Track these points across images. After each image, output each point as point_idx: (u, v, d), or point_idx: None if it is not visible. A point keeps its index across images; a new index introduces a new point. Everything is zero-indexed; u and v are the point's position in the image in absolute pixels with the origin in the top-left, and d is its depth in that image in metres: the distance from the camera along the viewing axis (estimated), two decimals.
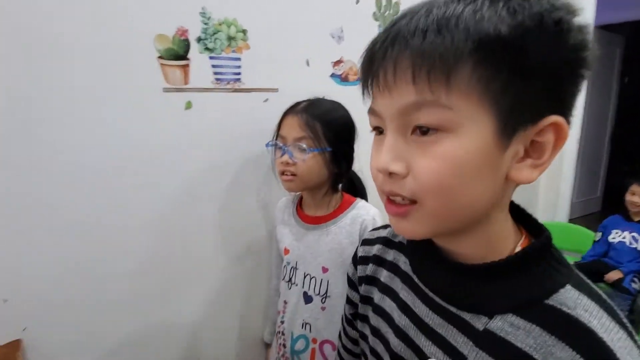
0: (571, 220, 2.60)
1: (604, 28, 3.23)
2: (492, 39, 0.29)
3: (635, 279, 1.84)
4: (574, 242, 2.25)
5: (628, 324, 0.32)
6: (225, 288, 1.04)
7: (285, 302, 0.92)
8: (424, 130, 0.32)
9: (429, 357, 0.38)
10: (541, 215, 2.50)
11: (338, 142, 0.83)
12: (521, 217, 0.40)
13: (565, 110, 0.33)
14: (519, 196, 0.39)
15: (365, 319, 0.50)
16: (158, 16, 0.82)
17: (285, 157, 0.81)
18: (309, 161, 0.80)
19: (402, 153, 0.34)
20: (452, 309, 0.37)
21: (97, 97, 0.78)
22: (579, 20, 0.31)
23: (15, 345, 0.74)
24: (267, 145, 0.90)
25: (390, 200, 0.36)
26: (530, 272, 0.34)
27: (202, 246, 0.98)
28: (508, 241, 0.38)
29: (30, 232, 0.76)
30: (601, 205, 3.78)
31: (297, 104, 0.86)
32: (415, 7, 0.33)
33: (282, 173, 0.83)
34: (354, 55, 1.16)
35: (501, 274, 0.35)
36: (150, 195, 0.88)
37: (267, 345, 1.08)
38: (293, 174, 0.81)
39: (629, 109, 3.94)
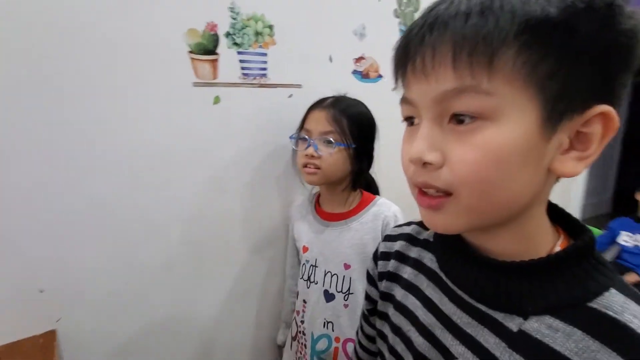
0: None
1: None
2: (540, 20, 0.28)
3: None
4: None
5: None
6: (248, 278, 1.06)
7: (304, 302, 0.91)
8: (462, 119, 0.31)
9: (457, 358, 0.36)
10: None
11: (362, 139, 0.84)
12: (558, 216, 0.38)
13: (614, 100, 0.30)
14: None
15: (385, 316, 0.48)
16: (189, 11, 0.83)
17: (311, 150, 0.82)
18: (335, 155, 0.82)
19: (438, 142, 0.32)
20: (483, 307, 0.35)
21: (130, 92, 0.79)
22: (633, 6, 0.29)
23: (51, 335, 0.76)
24: (291, 137, 0.91)
25: (422, 192, 0.34)
26: (572, 273, 0.32)
27: (228, 237, 0.99)
28: (545, 239, 0.36)
29: (67, 225, 0.77)
30: (612, 206, 3.75)
31: (324, 99, 0.87)
32: None
33: (305, 165, 0.84)
34: (375, 52, 1.17)
35: (539, 272, 0.33)
36: (179, 188, 0.89)
37: (280, 347, 1.07)
38: (317, 167, 0.82)
39: None
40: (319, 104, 0.86)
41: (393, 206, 0.87)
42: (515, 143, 0.29)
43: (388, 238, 0.51)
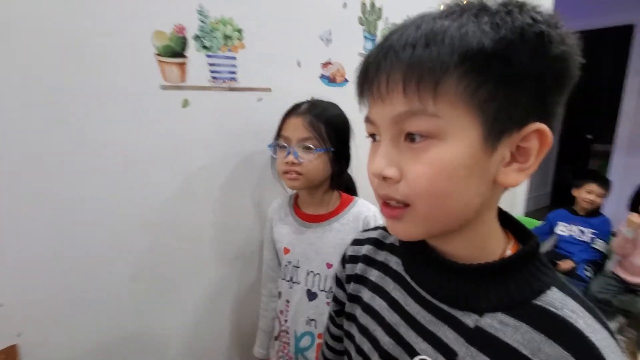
0: (526, 214, 2.85)
1: None
2: (475, 52, 0.31)
3: (588, 267, 2.04)
4: None
5: (608, 324, 0.34)
6: (219, 289, 1.05)
7: (287, 302, 0.93)
8: (414, 138, 0.34)
9: (419, 354, 0.39)
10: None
11: (339, 142, 0.87)
12: (508, 222, 0.42)
13: (549, 118, 0.34)
14: None
15: (352, 317, 0.50)
16: (156, 12, 0.81)
17: (291, 157, 0.83)
18: (315, 160, 0.83)
19: (395, 159, 0.35)
20: (444, 306, 0.39)
21: (95, 94, 0.76)
22: (561, 32, 0.32)
23: (13, 350, 0.72)
24: (269, 145, 0.91)
25: (385, 203, 0.38)
26: (520, 274, 0.36)
27: (197, 245, 0.98)
28: (497, 243, 0.40)
29: (24, 235, 0.73)
30: (550, 199, 4.14)
31: (298, 105, 0.88)
32: (406, 22, 0.35)
33: (286, 172, 0.85)
34: (341, 57, 1.21)
35: (493, 275, 0.37)
36: (147, 193, 0.87)
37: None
38: (298, 173, 0.83)
39: (574, 112, 4.32)
40: (294, 111, 0.87)
41: (372, 206, 0.90)
42: (460, 158, 0.33)
43: (356, 242, 0.54)
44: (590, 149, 4.47)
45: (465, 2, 0.34)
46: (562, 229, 2.23)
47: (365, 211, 0.89)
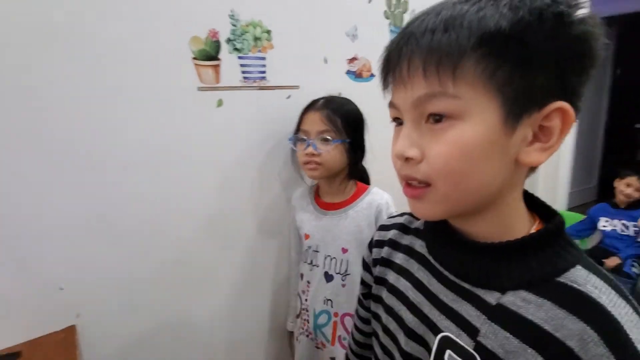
0: (569, 210, 2.70)
1: None
2: (493, 34, 0.31)
3: (635, 264, 1.92)
4: None
5: (634, 301, 0.33)
6: (254, 272, 1.11)
7: (308, 283, 1.00)
8: (436, 119, 0.35)
9: (443, 331, 0.40)
10: None
11: (354, 134, 0.92)
12: (535, 205, 0.42)
13: (571, 97, 0.34)
14: None
15: (379, 299, 0.51)
16: (192, 19, 0.88)
17: (310, 149, 0.89)
18: (332, 151, 0.89)
19: (417, 140, 0.36)
20: (466, 285, 0.39)
21: (139, 98, 0.84)
22: (581, 12, 0.32)
23: (72, 330, 0.80)
24: (289, 139, 0.97)
25: (407, 184, 0.39)
26: (543, 252, 0.36)
27: (234, 233, 1.05)
28: (521, 224, 0.39)
29: (81, 227, 0.82)
30: (597, 194, 3.88)
31: (315, 101, 0.94)
32: (427, 9, 0.36)
33: (306, 163, 0.91)
34: (368, 52, 1.23)
35: (515, 252, 0.37)
36: (187, 186, 0.94)
37: (291, 334, 1.14)
38: (317, 163, 0.89)
39: (621, 101, 4.04)
40: (312, 106, 0.93)
41: (385, 194, 0.94)
42: (480, 138, 0.34)
43: (382, 228, 0.55)
44: (639, 139, 4.15)
45: None
46: (604, 224, 2.12)
47: (378, 199, 0.92)
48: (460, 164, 0.34)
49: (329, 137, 0.88)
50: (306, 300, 1.01)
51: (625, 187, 2.05)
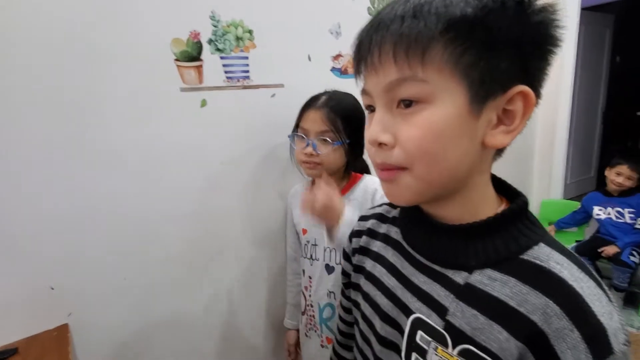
0: (567, 200, 2.70)
1: (592, 9, 3.29)
2: (458, 20, 0.33)
3: (634, 252, 1.92)
4: None
5: (597, 277, 0.35)
6: (250, 271, 1.13)
7: (310, 278, 1.01)
8: (406, 103, 0.36)
9: (415, 312, 0.41)
10: (536, 195, 2.59)
11: (354, 133, 0.90)
12: (503, 189, 0.43)
13: (533, 81, 0.36)
14: (515, 178, 0.44)
15: (357, 287, 0.53)
16: (173, 21, 0.89)
17: (310, 149, 0.88)
18: (332, 153, 0.88)
19: (389, 125, 0.37)
20: (436, 267, 0.40)
21: (122, 100, 0.86)
22: (542, 1, 0.34)
23: (64, 328, 0.83)
24: (289, 136, 0.96)
25: (382, 170, 0.40)
26: (507, 232, 0.38)
27: (226, 233, 1.07)
28: (489, 206, 0.41)
29: (71, 226, 0.84)
30: (596, 184, 3.87)
31: (317, 98, 0.92)
32: None
33: (305, 162, 0.90)
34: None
35: (480, 233, 0.38)
36: (173, 187, 0.95)
37: (288, 330, 1.15)
38: (316, 163, 0.89)
39: (620, 89, 4.00)
40: (312, 104, 0.91)
41: (377, 179, 0.93)
42: (448, 120, 0.35)
43: (362, 218, 0.57)
44: None
45: None
46: (598, 212, 2.12)
47: (371, 184, 0.92)
48: (432, 145, 0.36)
49: (328, 139, 0.87)
50: (310, 296, 1.01)
51: (616, 176, 2.05)
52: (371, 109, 0.41)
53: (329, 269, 0.96)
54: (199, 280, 1.04)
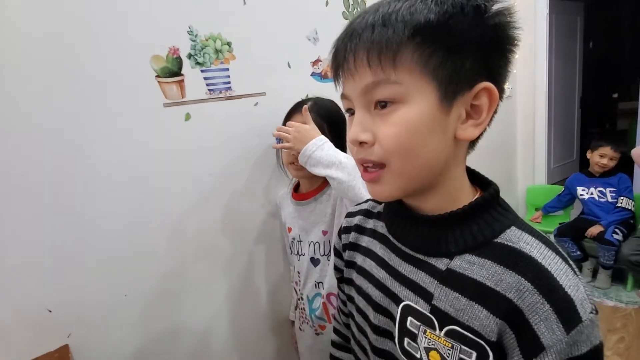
0: (552, 184, 2.77)
1: None
2: (423, 26, 0.36)
3: (617, 230, 1.98)
4: None
5: (564, 254, 0.38)
6: (246, 280, 1.15)
7: (298, 273, 1.05)
8: (382, 104, 0.39)
9: (404, 300, 0.44)
10: (522, 181, 2.66)
11: (338, 136, 0.94)
12: (476, 179, 0.47)
13: (496, 78, 0.39)
14: (501, 166, 0.47)
15: (350, 281, 0.55)
16: (151, 38, 0.91)
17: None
18: None
19: (369, 125, 0.40)
20: (420, 256, 0.44)
21: (108, 117, 0.87)
22: (500, 5, 0.38)
23: (65, 349, 0.83)
24: (277, 140, 0.97)
25: (364, 169, 0.43)
26: (482, 218, 0.41)
27: (218, 243, 1.08)
28: (465, 196, 0.44)
29: (63, 248, 0.84)
30: (579, 167, 3.97)
31: (302, 103, 0.96)
32: (367, 8, 0.40)
33: (292, 163, 0.94)
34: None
35: (458, 221, 0.41)
36: (161, 202, 0.97)
37: (293, 323, 1.19)
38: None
39: (595, 73, 4.13)
40: (298, 108, 0.95)
41: None
42: (422, 117, 0.38)
43: (349, 215, 0.60)
44: (617, 109, 4.26)
45: None
46: (581, 192, 2.19)
47: None
48: (408, 141, 0.39)
49: None
50: (300, 290, 1.06)
51: (600, 158, 2.11)
52: (351, 111, 0.44)
53: (315, 261, 1.01)
54: (197, 292, 1.05)
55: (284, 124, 0.96)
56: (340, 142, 0.94)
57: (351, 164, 0.79)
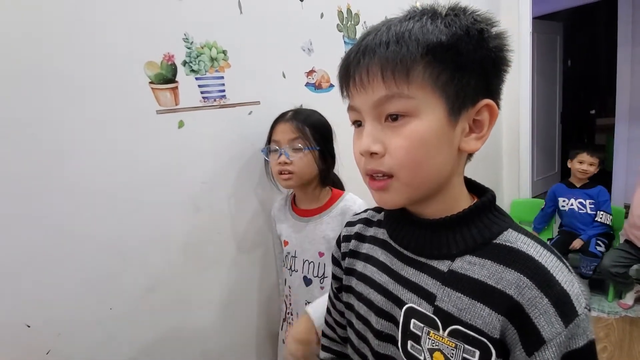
0: (535, 197, 2.84)
1: (542, 18, 3.54)
2: (435, 45, 0.39)
3: (600, 242, 2.04)
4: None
5: (557, 252, 0.41)
6: (238, 288, 1.12)
7: (289, 287, 1.04)
8: (393, 118, 0.41)
9: (407, 303, 0.45)
10: (507, 194, 2.71)
11: (323, 142, 0.96)
12: (473, 187, 0.49)
13: (494, 95, 0.43)
14: (487, 179, 0.49)
15: (350, 289, 0.56)
16: (146, 44, 0.89)
17: (283, 158, 0.93)
18: (304, 158, 0.93)
19: (379, 136, 0.42)
20: (422, 259, 0.45)
21: (99, 124, 0.84)
22: (497, 29, 0.42)
23: None
24: (262, 150, 1.01)
25: (372, 177, 0.44)
26: (480, 221, 0.44)
27: (209, 252, 1.05)
28: (463, 202, 0.46)
29: (44, 259, 0.80)
30: (560, 179, 4.10)
31: (285, 113, 0.99)
32: (377, 26, 0.43)
33: (280, 173, 0.95)
34: (325, 64, 1.28)
35: (458, 224, 0.44)
36: (155, 209, 0.93)
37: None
38: (290, 172, 0.93)
39: (574, 90, 4.31)
40: (281, 118, 0.98)
41: (358, 200, 0.99)
42: (431, 130, 0.41)
43: (349, 224, 0.61)
44: (595, 124, 4.43)
45: (421, 9, 0.43)
46: (562, 203, 2.24)
47: (351, 205, 0.97)
48: (418, 153, 0.41)
49: (300, 145, 0.93)
50: (290, 304, 1.05)
51: (579, 165, 2.15)
52: (358, 123, 0.46)
53: (307, 280, 0.99)
54: (186, 306, 1.02)
55: (270, 133, 0.99)
56: (325, 147, 0.97)
57: None
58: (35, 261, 0.79)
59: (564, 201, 2.23)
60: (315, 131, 0.94)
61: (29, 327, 0.79)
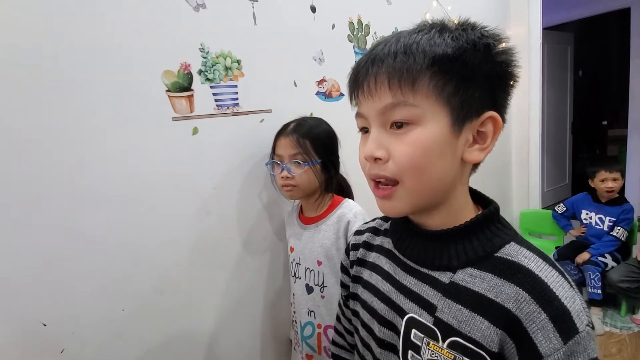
0: (545, 209, 2.81)
1: (553, 28, 3.53)
2: (441, 57, 0.40)
3: (607, 255, 2.00)
4: (550, 227, 2.44)
5: (560, 267, 0.41)
6: (245, 292, 1.14)
7: (293, 295, 1.05)
8: (398, 125, 0.42)
9: (408, 313, 0.46)
10: (516, 205, 2.69)
11: (325, 153, 0.97)
12: (478, 199, 0.50)
13: (499, 108, 0.44)
14: (496, 190, 0.50)
15: (356, 296, 0.57)
16: (163, 54, 0.92)
17: (285, 173, 0.95)
18: (304, 174, 0.95)
19: (384, 142, 0.43)
20: (424, 270, 0.46)
21: (115, 130, 0.87)
22: (505, 45, 0.43)
23: None
24: (266, 164, 1.04)
25: (376, 184, 0.45)
26: (483, 234, 0.44)
27: (218, 255, 1.07)
28: (468, 213, 0.47)
29: (59, 259, 0.82)
30: (571, 191, 4.04)
31: (286, 126, 1.00)
32: (387, 38, 0.45)
33: (283, 186, 0.97)
34: (335, 73, 1.30)
35: (460, 236, 0.44)
36: (167, 213, 0.96)
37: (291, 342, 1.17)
38: (293, 186, 0.96)
39: (585, 101, 4.27)
40: (282, 132, 0.99)
41: (355, 207, 0.98)
42: (435, 139, 0.42)
43: (358, 233, 0.62)
44: (607, 135, 4.38)
45: (431, 22, 0.44)
46: (585, 216, 2.18)
47: (347, 212, 0.96)
48: (421, 160, 0.42)
49: (300, 161, 0.94)
50: (294, 312, 1.05)
51: (602, 183, 2.05)
52: (364, 130, 0.47)
53: (309, 288, 1.00)
54: (197, 308, 1.04)
55: (273, 145, 1.01)
56: (328, 157, 0.97)
57: None
58: (52, 262, 0.82)
59: (587, 214, 2.17)
60: (316, 143, 0.95)
61: (45, 325, 0.81)
